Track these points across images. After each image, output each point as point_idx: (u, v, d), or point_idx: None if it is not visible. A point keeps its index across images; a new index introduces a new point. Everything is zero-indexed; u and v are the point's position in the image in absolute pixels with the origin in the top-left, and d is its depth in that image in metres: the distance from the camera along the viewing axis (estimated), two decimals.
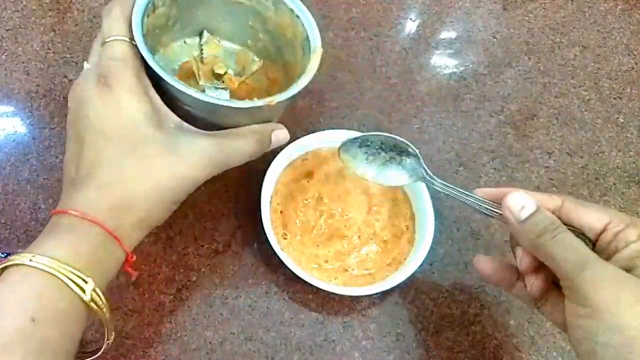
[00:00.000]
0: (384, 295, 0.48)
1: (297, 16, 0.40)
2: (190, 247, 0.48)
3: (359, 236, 0.48)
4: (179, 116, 0.34)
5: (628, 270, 0.31)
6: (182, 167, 0.32)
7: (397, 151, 0.43)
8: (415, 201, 0.49)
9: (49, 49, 0.57)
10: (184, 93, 0.33)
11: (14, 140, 0.52)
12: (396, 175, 0.43)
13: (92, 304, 0.29)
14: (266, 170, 0.48)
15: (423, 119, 0.58)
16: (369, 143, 0.43)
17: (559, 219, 0.34)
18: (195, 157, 0.33)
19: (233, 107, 0.34)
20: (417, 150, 0.42)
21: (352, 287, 0.45)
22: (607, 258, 0.32)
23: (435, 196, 0.48)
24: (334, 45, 0.60)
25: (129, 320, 0.45)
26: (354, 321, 0.47)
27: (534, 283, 0.35)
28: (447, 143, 0.57)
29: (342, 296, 0.47)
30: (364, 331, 0.46)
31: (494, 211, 0.38)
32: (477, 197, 0.39)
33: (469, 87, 0.60)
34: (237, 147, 0.35)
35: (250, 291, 0.47)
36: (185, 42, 0.44)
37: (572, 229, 0.34)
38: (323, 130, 0.51)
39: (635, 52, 0.65)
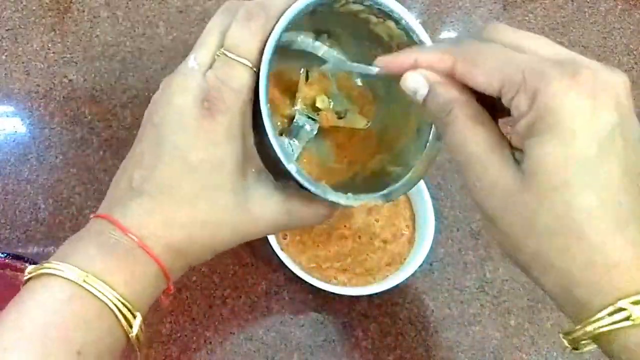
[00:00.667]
0: (384, 295, 0.48)
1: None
2: None
3: (359, 236, 0.48)
4: (261, 155, 0.30)
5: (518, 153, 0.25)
6: (249, 227, 0.30)
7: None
8: (415, 201, 0.49)
9: (49, 49, 0.57)
10: (294, 177, 0.29)
11: (14, 140, 0.52)
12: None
13: (135, 339, 0.27)
14: None
15: None
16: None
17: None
18: (262, 219, 0.30)
19: (332, 201, 0.30)
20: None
21: (352, 287, 0.45)
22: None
23: (435, 196, 0.48)
24: None
25: None
26: (354, 321, 0.47)
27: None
28: None
29: (342, 296, 0.47)
30: (364, 331, 0.46)
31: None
32: (381, 73, 0.30)
33: None
34: (305, 214, 0.31)
35: (250, 291, 0.47)
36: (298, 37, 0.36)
37: None
38: None
39: (635, 52, 0.65)
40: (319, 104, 0.36)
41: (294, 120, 0.36)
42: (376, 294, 0.46)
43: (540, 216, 0.23)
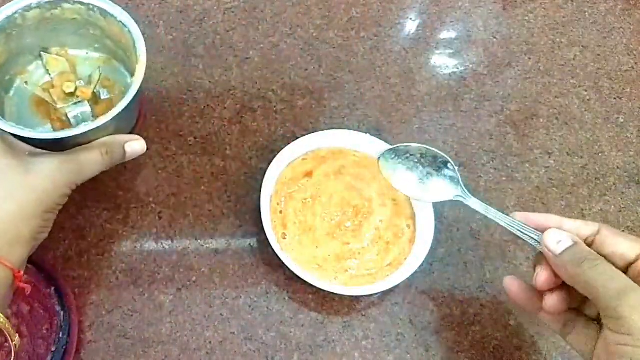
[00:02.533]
0: (384, 295, 0.48)
1: (125, 25, 0.43)
2: (190, 247, 0.48)
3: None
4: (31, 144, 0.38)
5: None
6: (38, 182, 0.36)
7: (435, 166, 0.45)
8: (415, 201, 0.49)
9: None
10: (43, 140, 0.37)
11: None
12: (434, 192, 0.44)
13: None
14: (266, 170, 0.48)
15: (423, 119, 0.58)
16: (408, 155, 0.45)
17: (591, 246, 0.36)
18: (48, 172, 0.37)
19: (54, 138, 0.38)
20: (455, 167, 0.44)
21: (352, 287, 0.45)
22: None
23: None
24: (334, 45, 0.60)
25: (129, 320, 0.45)
26: (354, 321, 0.47)
27: (551, 299, 0.37)
28: (447, 143, 0.57)
29: (342, 296, 0.47)
30: (364, 331, 0.46)
31: (530, 237, 0.38)
32: (514, 220, 0.39)
33: (469, 87, 0.60)
34: (87, 159, 0.39)
35: (250, 291, 0.47)
36: (28, 69, 0.46)
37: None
38: (323, 130, 0.51)
39: (635, 52, 0.65)
40: (68, 90, 0.44)
41: (68, 115, 0.44)
42: (376, 294, 0.46)
43: None
